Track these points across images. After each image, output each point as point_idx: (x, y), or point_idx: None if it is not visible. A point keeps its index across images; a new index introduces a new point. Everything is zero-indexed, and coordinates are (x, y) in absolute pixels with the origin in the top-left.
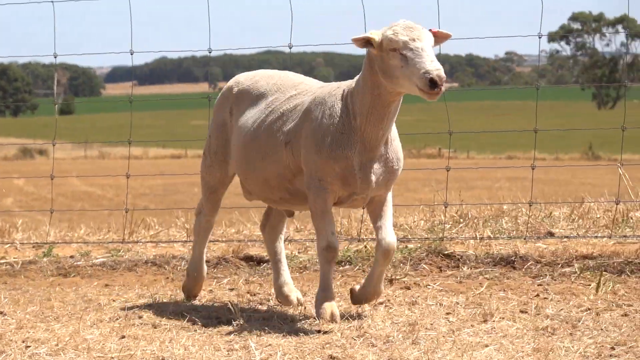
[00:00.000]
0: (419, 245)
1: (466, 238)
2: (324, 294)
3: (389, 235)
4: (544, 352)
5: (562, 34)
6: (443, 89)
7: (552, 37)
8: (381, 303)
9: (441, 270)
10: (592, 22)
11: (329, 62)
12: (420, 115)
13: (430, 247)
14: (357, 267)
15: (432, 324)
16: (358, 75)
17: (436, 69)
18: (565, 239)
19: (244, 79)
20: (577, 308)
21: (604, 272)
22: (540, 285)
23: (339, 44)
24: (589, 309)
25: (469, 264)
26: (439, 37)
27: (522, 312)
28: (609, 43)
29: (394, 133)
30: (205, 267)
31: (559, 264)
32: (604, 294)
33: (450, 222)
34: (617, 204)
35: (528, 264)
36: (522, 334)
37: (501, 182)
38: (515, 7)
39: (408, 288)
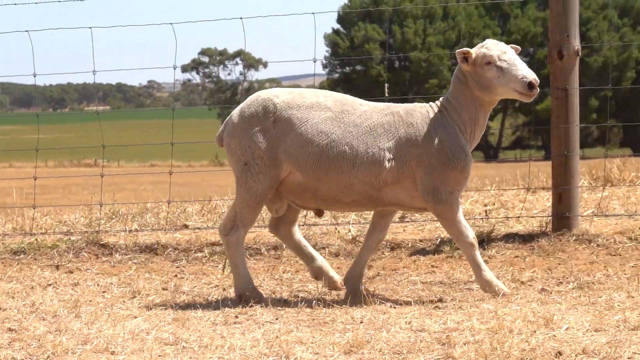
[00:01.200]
0: (80, 237)
1: (118, 231)
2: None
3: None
4: (182, 321)
5: (192, 66)
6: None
7: (185, 68)
8: (50, 285)
9: (98, 257)
10: (217, 56)
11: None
12: (80, 132)
13: (89, 238)
14: (30, 256)
15: (91, 301)
16: (446, 95)
17: (532, 74)
18: (197, 230)
19: (279, 93)
20: (207, 285)
21: None
22: (178, 267)
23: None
24: (217, 286)
25: (120, 251)
26: (515, 50)
27: (164, 289)
28: (230, 72)
29: None
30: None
31: (192, 250)
32: (228, 273)
33: (105, 218)
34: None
35: (168, 251)
36: (164, 306)
37: (145, 185)
38: (156, 41)
39: (71, 272)
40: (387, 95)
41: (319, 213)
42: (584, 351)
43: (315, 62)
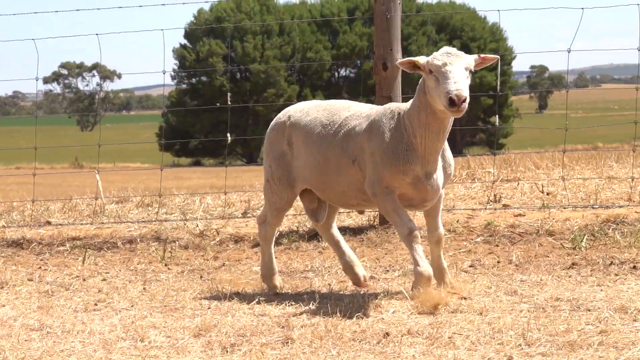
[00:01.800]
0: None
1: None
2: (421, 268)
3: (440, 227)
4: (46, 309)
5: (53, 77)
6: (464, 106)
7: (46, 80)
8: None
9: None
10: (75, 68)
11: None
12: None
13: None
14: None
15: None
16: (413, 99)
17: (456, 90)
18: (59, 226)
19: (293, 112)
20: (69, 276)
21: (88, 249)
22: (42, 260)
23: None
24: (77, 276)
25: None
26: (488, 60)
27: (29, 280)
28: (87, 83)
29: (445, 143)
30: (276, 266)
31: (55, 244)
32: (88, 265)
33: None
34: (96, 200)
35: (32, 245)
36: (30, 295)
37: (12, 185)
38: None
39: None
40: (229, 103)
41: (360, 212)
42: (409, 332)
43: (164, 73)
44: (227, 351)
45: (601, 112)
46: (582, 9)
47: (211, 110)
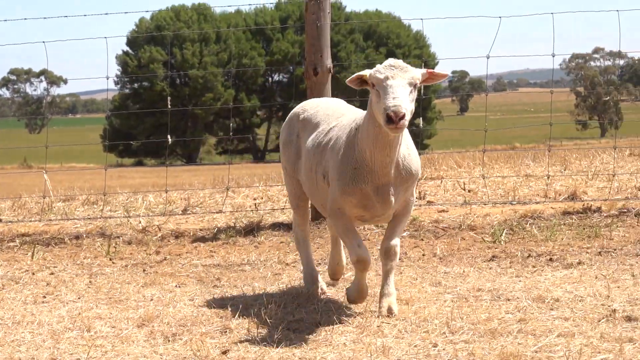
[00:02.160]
0: None
1: None
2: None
3: (393, 239)
4: None
5: (2, 83)
6: (403, 123)
7: None
8: None
9: None
10: (24, 74)
11: None
12: None
13: None
14: None
15: None
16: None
17: (393, 106)
18: (9, 223)
19: (309, 107)
20: (19, 270)
21: (36, 245)
22: None
23: None
24: (27, 270)
25: None
26: (437, 77)
27: None
28: (35, 88)
29: (404, 150)
30: (315, 270)
31: (5, 240)
32: (37, 259)
33: None
34: (44, 198)
35: None
36: None
37: None
38: None
39: None
40: (169, 107)
41: None
42: (340, 321)
43: (108, 79)
44: (169, 340)
45: (518, 114)
46: (500, 17)
47: (152, 114)
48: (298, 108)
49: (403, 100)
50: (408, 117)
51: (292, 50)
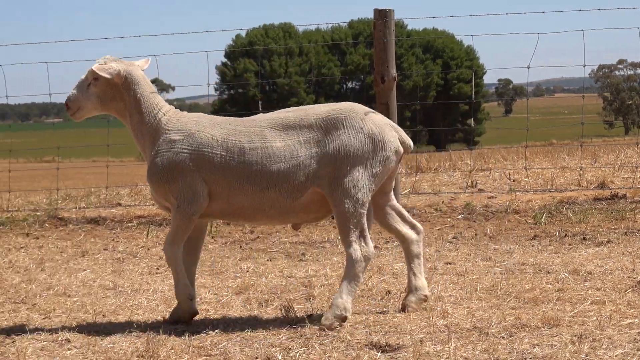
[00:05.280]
0: (43, 213)
1: (70, 208)
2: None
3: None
4: (118, 272)
5: None
6: (70, 112)
7: None
8: (22, 247)
9: (56, 227)
10: None
11: None
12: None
13: (49, 214)
14: (7, 227)
15: (52, 259)
16: None
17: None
18: (128, 207)
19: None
20: (136, 246)
21: (151, 225)
22: (115, 234)
23: None
24: (143, 246)
25: (72, 223)
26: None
27: (104, 249)
28: None
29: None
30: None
31: (125, 221)
32: (151, 237)
33: (61, 199)
34: None
35: (107, 222)
36: (105, 262)
37: (90, 175)
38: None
39: (37, 238)
40: (260, 110)
41: (296, 227)
42: (406, 289)
43: (209, 86)
44: (262, 305)
45: (555, 116)
46: (538, 34)
47: (247, 115)
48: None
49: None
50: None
51: (363, 62)
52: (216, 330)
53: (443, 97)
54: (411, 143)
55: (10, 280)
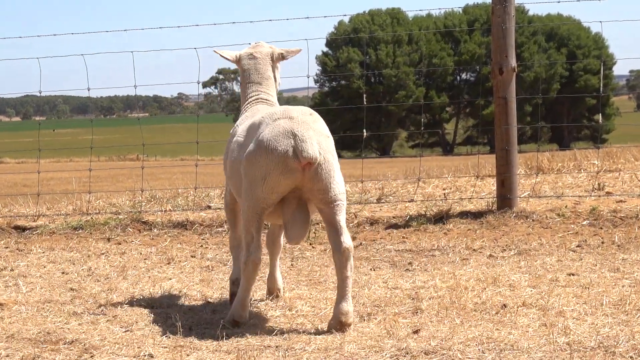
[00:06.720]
0: (126, 216)
1: (155, 211)
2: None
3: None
4: (207, 281)
5: (212, 81)
6: None
7: (205, 84)
8: (102, 254)
9: (140, 232)
10: (231, 74)
11: None
12: (125, 134)
13: (133, 217)
14: (86, 231)
15: (135, 266)
16: None
17: None
18: (218, 209)
19: None
20: (226, 253)
21: None
22: (203, 239)
23: None
24: None
25: (157, 227)
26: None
27: (192, 256)
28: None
29: None
30: None
31: (214, 225)
32: None
33: (145, 201)
34: None
35: (195, 226)
36: (193, 270)
37: (177, 175)
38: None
39: (119, 244)
40: (365, 103)
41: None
42: (524, 304)
43: (308, 77)
44: (364, 319)
45: None
46: None
47: (350, 110)
48: None
49: None
50: None
51: (479, 51)
52: (313, 347)
53: (568, 90)
54: (311, 153)
55: (89, 289)
